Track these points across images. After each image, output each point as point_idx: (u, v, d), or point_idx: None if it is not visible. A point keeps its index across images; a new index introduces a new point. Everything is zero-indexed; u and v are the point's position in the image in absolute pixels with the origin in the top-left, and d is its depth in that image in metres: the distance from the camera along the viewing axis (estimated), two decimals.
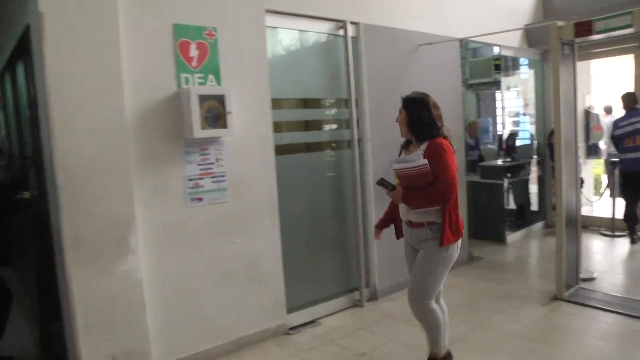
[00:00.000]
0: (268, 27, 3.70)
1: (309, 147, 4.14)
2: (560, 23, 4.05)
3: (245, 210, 3.58)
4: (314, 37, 4.15)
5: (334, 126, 4.32)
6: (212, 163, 3.42)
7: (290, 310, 3.92)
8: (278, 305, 3.81)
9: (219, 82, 3.42)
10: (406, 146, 2.95)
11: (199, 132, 3.19)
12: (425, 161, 2.67)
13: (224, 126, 3.29)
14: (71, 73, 2.84)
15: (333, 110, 4.30)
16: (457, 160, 5.10)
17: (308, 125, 4.14)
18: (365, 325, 3.94)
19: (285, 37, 4.03)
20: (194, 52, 3.32)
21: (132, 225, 3.05)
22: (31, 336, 4.10)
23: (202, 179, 3.38)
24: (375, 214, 4.37)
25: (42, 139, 3.27)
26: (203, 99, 3.21)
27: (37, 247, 3.58)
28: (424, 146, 2.76)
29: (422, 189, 2.71)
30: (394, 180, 2.88)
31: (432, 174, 2.68)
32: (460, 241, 2.88)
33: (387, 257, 4.52)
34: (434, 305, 2.90)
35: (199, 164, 3.37)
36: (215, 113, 3.26)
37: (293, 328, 3.89)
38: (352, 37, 4.22)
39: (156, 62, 3.20)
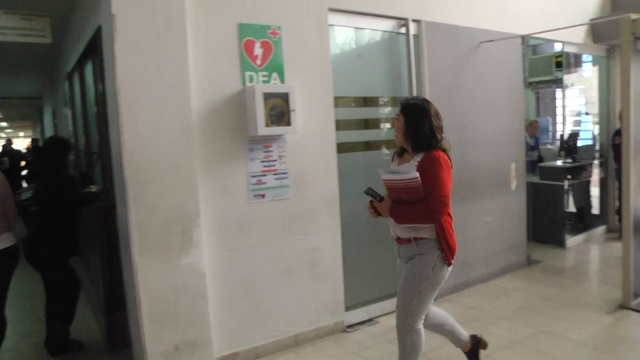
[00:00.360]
0: (330, 25, 3.72)
1: (368, 146, 4.12)
2: (634, 16, 3.85)
3: (306, 207, 3.61)
4: (375, 35, 4.14)
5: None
6: (275, 160, 3.47)
7: (348, 308, 3.92)
8: (336, 303, 3.82)
9: (282, 80, 3.47)
10: (400, 154, 2.73)
11: (263, 130, 3.24)
12: (416, 175, 2.43)
13: (288, 124, 3.33)
14: (140, 72, 2.94)
15: (393, 109, 4.26)
16: (517, 161, 5.08)
17: (368, 124, 4.13)
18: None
19: (347, 35, 4.03)
20: (258, 50, 3.37)
21: (196, 220, 3.13)
22: (96, 323, 4.28)
23: (265, 175, 3.43)
24: None
25: (110, 135, 3.40)
26: (267, 96, 3.25)
27: (102, 239, 3.71)
28: (418, 157, 2.54)
29: (411, 203, 2.50)
30: (383, 191, 2.67)
31: (422, 189, 2.45)
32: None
33: None
34: (420, 327, 2.67)
35: (262, 161, 3.42)
36: (279, 111, 3.30)
37: (350, 326, 3.90)
38: (414, 35, 4.18)
39: (222, 60, 3.27)
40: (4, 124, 20.89)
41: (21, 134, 25.71)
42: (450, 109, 4.46)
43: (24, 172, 10.75)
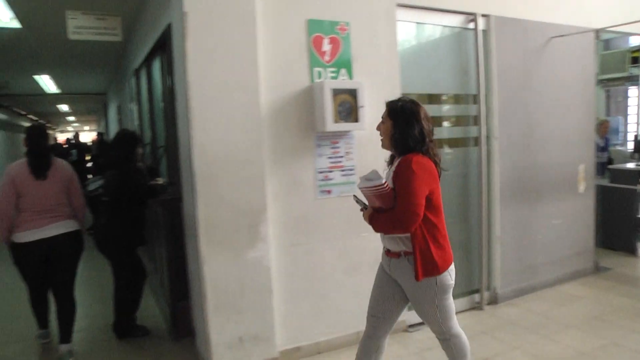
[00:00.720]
0: (398, 20, 3.65)
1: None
2: None
3: None
4: (443, 30, 4.05)
5: (461, 122, 4.17)
6: (342, 156, 3.45)
7: (410, 307, 3.83)
8: None
9: (350, 76, 3.44)
10: (392, 161, 2.51)
11: (331, 126, 3.23)
12: (383, 180, 2.22)
13: (356, 120, 3.30)
14: (211, 68, 2.98)
15: (460, 106, 4.16)
16: (586, 162, 4.84)
17: (434, 121, 4.02)
18: (485, 330, 3.78)
19: (415, 30, 3.97)
20: (326, 46, 3.36)
21: (263, 214, 3.16)
22: (160, 312, 4.42)
23: (331, 171, 3.42)
24: (500, 215, 4.20)
25: (179, 130, 3.48)
26: (336, 92, 3.24)
27: (168, 231, 3.81)
28: (397, 162, 2.36)
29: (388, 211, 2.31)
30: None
31: (392, 195, 2.26)
32: (452, 265, 2.47)
33: (510, 261, 4.34)
34: (457, 330, 2.56)
35: (329, 157, 3.41)
36: (348, 107, 3.28)
37: (412, 325, 3.84)
38: (482, 30, 4.06)
39: (291, 57, 3.28)
40: (71, 118, 22.02)
41: (86, 127, 27.02)
42: (519, 107, 4.33)
43: (89, 165, 11.23)
